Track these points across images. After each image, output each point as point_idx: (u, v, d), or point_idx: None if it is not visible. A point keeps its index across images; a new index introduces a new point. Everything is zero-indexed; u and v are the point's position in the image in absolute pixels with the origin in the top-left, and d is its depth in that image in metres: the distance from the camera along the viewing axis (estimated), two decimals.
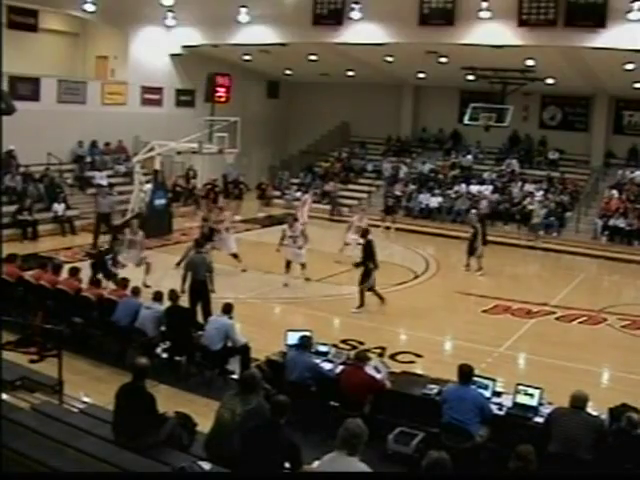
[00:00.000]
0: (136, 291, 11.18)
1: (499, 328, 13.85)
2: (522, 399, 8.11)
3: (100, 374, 10.19)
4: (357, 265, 14.97)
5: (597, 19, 19.10)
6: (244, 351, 10.21)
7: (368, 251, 14.75)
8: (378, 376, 8.65)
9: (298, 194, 28.04)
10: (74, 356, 10.28)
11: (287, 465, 5.88)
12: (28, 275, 12.53)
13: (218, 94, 23.19)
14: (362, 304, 14.56)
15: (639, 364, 11.95)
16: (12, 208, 19.84)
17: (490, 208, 24.59)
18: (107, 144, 25.60)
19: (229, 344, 10.14)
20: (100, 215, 19.53)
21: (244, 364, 10.00)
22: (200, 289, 12.63)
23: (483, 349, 12.40)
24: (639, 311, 15.27)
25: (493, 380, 8.45)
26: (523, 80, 24.22)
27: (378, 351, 11.59)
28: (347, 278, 17.15)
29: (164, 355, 10.62)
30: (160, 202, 21.47)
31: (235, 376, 9.78)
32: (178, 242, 20.01)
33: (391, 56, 24.76)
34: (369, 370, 8.67)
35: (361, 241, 18.95)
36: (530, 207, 24.51)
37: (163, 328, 10.64)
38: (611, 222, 23.33)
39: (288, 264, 16.62)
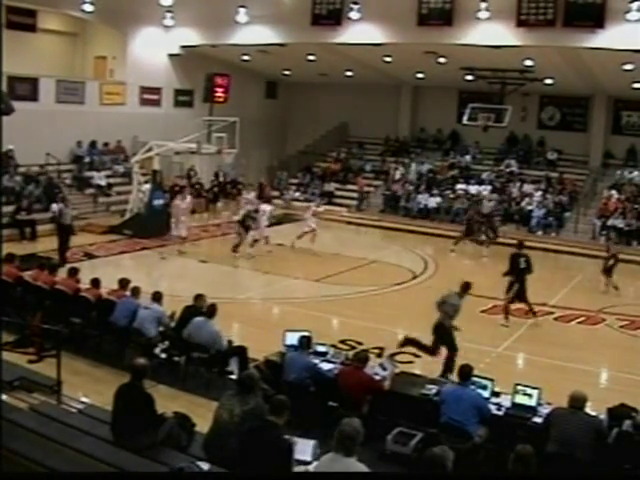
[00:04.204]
0: (135, 291, 11.15)
1: (498, 328, 13.85)
2: (521, 399, 8.12)
3: (99, 374, 10.17)
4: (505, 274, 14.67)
5: (596, 19, 19.12)
6: (241, 352, 10.22)
7: (511, 263, 14.43)
8: (383, 373, 8.71)
9: (297, 194, 28.11)
10: (73, 356, 10.27)
11: (285, 465, 5.89)
12: (27, 275, 12.52)
13: (216, 94, 23.19)
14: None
15: (638, 364, 11.97)
16: (10, 208, 19.79)
17: (490, 208, 24.25)
18: (106, 144, 25.61)
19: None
20: (63, 226, 17.75)
21: (242, 365, 10.00)
22: None
23: (482, 349, 12.39)
24: (637, 311, 15.30)
25: (492, 380, 8.45)
26: (522, 80, 24.26)
27: (377, 351, 11.58)
28: (346, 278, 17.20)
29: (162, 355, 10.60)
30: (158, 202, 21.46)
31: (234, 376, 9.77)
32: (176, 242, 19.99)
33: (390, 56, 24.76)
34: (374, 368, 8.76)
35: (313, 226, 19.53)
36: (529, 207, 24.56)
37: (161, 328, 10.63)
38: (610, 222, 23.35)
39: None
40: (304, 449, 6.58)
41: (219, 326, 10.16)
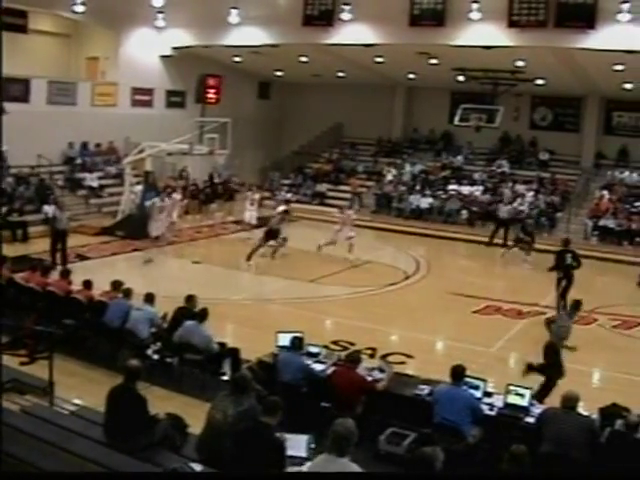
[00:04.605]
0: (127, 293, 11.13)
1: (490, 328, 13.88)
2: (513, 399, 8.14)
3: (91, 376, 10.14)
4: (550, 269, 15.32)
5: (587, 20, 19.19)
6: (234, 353, 10.24)
7: (557, 260, 15.12)
8: (380, 375, 8.77)
9: (289, 195, 28.05)
10: (65, 358, 10.24)
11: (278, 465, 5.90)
12: (19, 277, 12.49)
13: (209, 95, 23.15)
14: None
15: (629, 364, 12.02)
16: (2, 209, 19.68)
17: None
18: (98, 145, 25.54)
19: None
20: (58, 231, 17.20)
21: (234, 366, 10.03)
22: None
23: (474, 349, 12.42)
24: (630, 311, 15.36)
25: (484, 380, 8.46)
26: (513, 81, 24.33)
27: (369, 352, 11.60)
28: (340, 279, 17.21)
29: (155, 357, 10.56)
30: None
31: (226, 377, 9.77)
32: (169, 243, 19.97)
33: (382, 57, 24.77)
34: (373, 371, 8.85)
35: (352, 234, 19.15)
36: (521, 208, 24.62)
37: (154, 330, 10.61)
38: (601, 222, 23.41)
39: None
40: (298, 445, 6.59)
41: (211, 330, 10.17)
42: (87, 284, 11.76)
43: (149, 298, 10.93)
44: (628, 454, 6.91)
